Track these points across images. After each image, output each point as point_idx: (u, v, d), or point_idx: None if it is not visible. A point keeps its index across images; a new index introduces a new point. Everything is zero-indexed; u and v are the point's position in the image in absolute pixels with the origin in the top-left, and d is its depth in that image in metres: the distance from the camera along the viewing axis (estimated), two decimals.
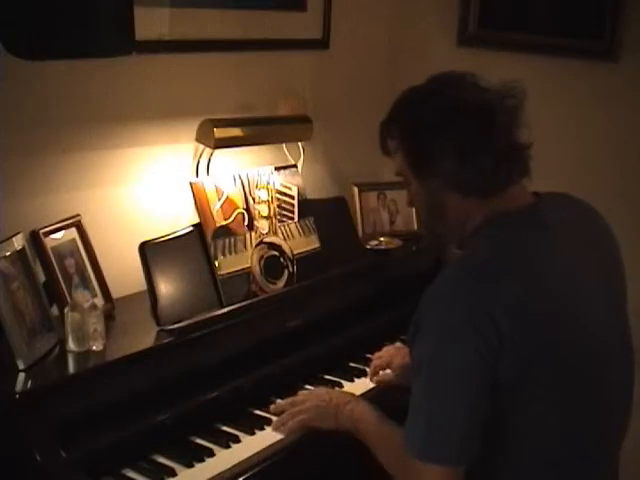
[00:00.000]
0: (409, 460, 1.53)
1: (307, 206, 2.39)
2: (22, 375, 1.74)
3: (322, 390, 2.01)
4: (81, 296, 1.96)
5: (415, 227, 2.83)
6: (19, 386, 1.71)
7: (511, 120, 1.59)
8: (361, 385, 2.19)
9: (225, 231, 2.17)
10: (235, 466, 1.80)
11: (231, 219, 2.20)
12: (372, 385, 2.19)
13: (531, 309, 1.49)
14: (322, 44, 2.75)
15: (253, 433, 1.91)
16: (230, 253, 2.17)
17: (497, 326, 1.45)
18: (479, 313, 1.46)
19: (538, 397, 1.50)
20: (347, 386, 2.17)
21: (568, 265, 1.59)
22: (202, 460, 1.81)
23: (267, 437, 1.91)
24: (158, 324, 1.97)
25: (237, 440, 1.88)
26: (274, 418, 1.96)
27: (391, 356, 2.20)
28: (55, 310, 1.94)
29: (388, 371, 2.19)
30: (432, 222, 1.71)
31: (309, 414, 1.90)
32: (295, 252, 2.33)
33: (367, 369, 2.24)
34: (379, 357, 2.23)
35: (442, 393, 1.50)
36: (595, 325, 1.57)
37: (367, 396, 2.06)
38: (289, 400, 1.99)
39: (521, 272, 1.53)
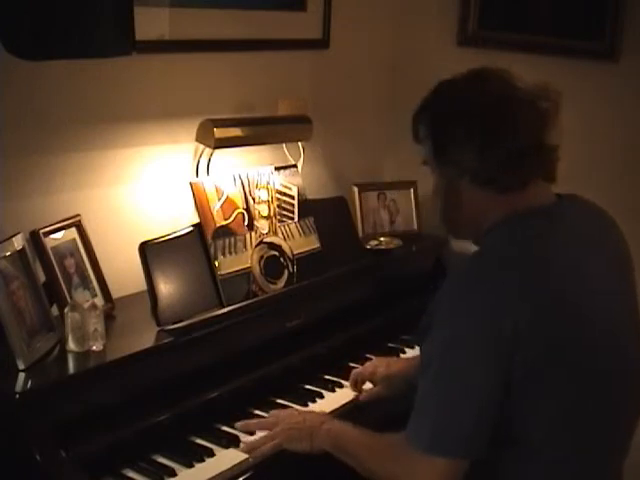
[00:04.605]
0: (410, 457, 1.52)
1: (307, 206, 2.39)
2: (22, 375, 1.74)
3: (293, 412, 1.95)
4: (81, 296, 1.97)
5: (415, 227, 2.83)
6: (19, 386, 1.71)
7: (540, 121, 1.59)
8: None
9: (225, 231, 2.17)
10: (235, 466, 1.80)
11: (231, 219, 2.20)
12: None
13: (547, 307, 1.49)
14: (322, 44, 2.75)
15: (253, 433, 1.91)
16: (230, 253, 2.17)
17: (513, 323, 1.45)
18: (496, 309, 1.47)
19: (549, 396, 1.50)
20: (347, 386, 2.16)
21: (588, 266, 1.58)
22: (202, 460, 1.81)
23: None
24: (158, 324, 1.97)
25: (237, 440, 1.88)
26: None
27: (374, 367, 2.13)
28: (55, 310, 1.94)
29: (370, 385, 2.14)
30: (447, 212, 1.70)
31: (282, 437, 1.83)
32: (295, 252, 2.33)
33: None
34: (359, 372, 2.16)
35: (456, 386, 1.49)
36: (612, 326, 1.57)
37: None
38: (259, 422, 1.93)
39: (539, 270, 1.52)
